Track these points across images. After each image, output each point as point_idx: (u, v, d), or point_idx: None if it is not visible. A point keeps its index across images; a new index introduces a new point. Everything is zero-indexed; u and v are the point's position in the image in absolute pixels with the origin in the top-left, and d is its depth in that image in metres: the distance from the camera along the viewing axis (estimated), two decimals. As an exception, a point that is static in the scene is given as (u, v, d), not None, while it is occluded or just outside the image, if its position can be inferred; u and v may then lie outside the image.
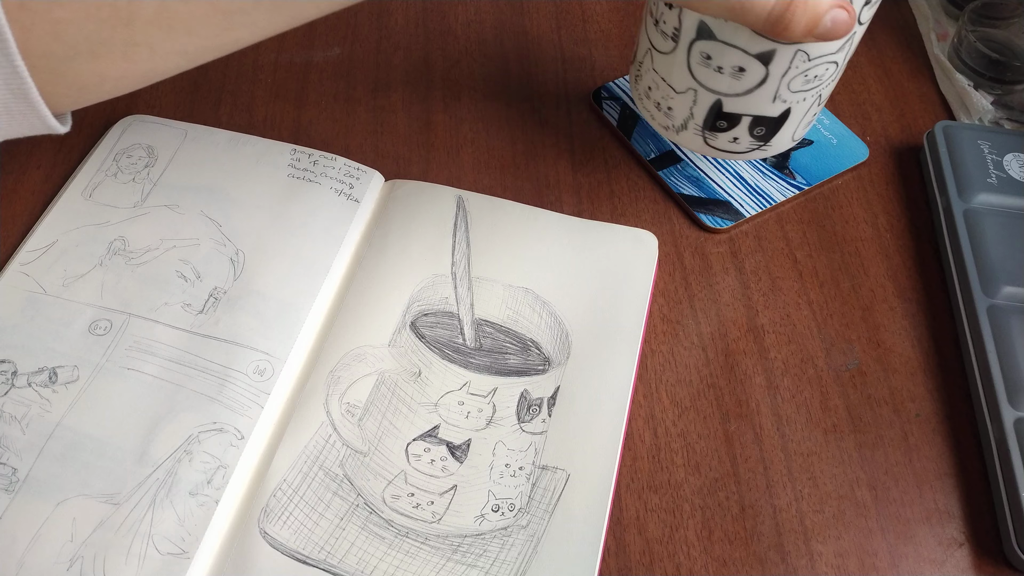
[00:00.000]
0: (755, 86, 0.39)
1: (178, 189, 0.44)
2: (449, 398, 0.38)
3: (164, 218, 0.43)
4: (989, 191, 0.45)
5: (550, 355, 0.39)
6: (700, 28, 0.38)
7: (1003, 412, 0.37)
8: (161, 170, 0.45)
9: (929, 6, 0.56)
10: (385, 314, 0.40)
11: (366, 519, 0.35)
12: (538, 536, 0.35)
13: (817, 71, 0.39)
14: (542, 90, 0.51)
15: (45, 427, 0.36)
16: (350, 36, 0.54)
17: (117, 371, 0.38)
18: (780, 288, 0.43)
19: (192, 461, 0.35)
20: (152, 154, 0.45)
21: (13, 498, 0.34)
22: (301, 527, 0.34)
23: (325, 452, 0.36)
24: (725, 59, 0.38)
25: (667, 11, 0.39)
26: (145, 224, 0.43)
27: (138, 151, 0.46)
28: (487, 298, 0.41)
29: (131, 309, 0.39)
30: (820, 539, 0.36)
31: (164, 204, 0.43)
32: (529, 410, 0.38)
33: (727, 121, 0.41)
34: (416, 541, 0.34)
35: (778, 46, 0.37)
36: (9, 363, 0.38)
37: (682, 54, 0.39)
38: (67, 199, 0.44)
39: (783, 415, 0.39)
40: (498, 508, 0.35)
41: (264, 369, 0.38)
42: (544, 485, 0.36)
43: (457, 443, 0.37)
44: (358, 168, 0.45)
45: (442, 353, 0.39)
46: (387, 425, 0.37)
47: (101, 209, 0.43)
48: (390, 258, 0.42)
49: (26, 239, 0.42)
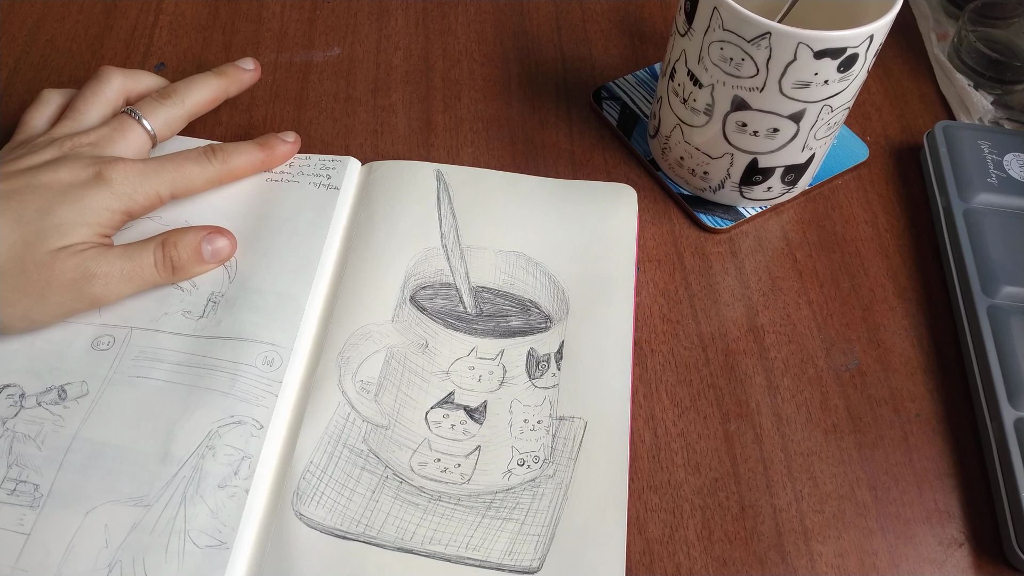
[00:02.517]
0: (787, 142, 0.41)
1: None
2: (459, 364, 0.39)
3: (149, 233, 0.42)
4: (989, 191, 0.45)
5: (550, 312, 0.41)
6: (735, 101, 0.40)
7: (1003, 412, 0.37)
8: None
9: (929, 6, 0.56)
10: (384, 291, 0.41)
11: (397, 488, 0.36)
12: (566, 483, 0.36)
13: (837, 117, 0.41)
14: (542, 90, 0.51)
15: (61, 441, 0.36)
16: (350, 36, 0.54)
17: (127, 381, 0.38)
18: (780, 288, 0.43)
19: (216, 455, 0.36)
20: None
21: (40, 513, 0.34)
22: (335, 504, 0.35)
23: (347, 430, 0.37)
24: (760, 124, 0.40)
25: (696, 90, 0.41)
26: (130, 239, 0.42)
27: None
28: (480, 265, 0.42)
29: (132, 323, 0.40)
30: (820, 539, 0.36)
31: (147, 218, 0.43)
32: (538, 366, 0.39)
33: (762, 175, 0.43)
34: (449, 503, 0.36)
35: (808, 105, 0.39)
36: (15, 387, 0.38)
37: (716, 125, 0.42)
38: None
39: (783, 415, 0.39)
40: (523, 462, 0.37)
41: (272, 359, 0.39)
42: (564, 435, 0.37)
43: (474, 406, 0.38)
44: (332, 159, 0.46)
45: (445, 323, 0.40)
46: (403, 397, 0.38)
47: None
48: (379, 237, 0.43)
49: None
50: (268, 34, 0.53)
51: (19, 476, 0.35)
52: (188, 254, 0.40)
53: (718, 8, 0.37)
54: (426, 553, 0.34)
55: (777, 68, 0.37)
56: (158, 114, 0.43)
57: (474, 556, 0.34)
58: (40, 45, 0.52)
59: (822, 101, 0.39)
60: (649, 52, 0.53)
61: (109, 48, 0.52)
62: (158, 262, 0.39)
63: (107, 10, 0.54)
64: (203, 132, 0.48)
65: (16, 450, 0.36)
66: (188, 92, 0.45)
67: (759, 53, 0.37)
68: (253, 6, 0.55)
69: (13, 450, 0.36)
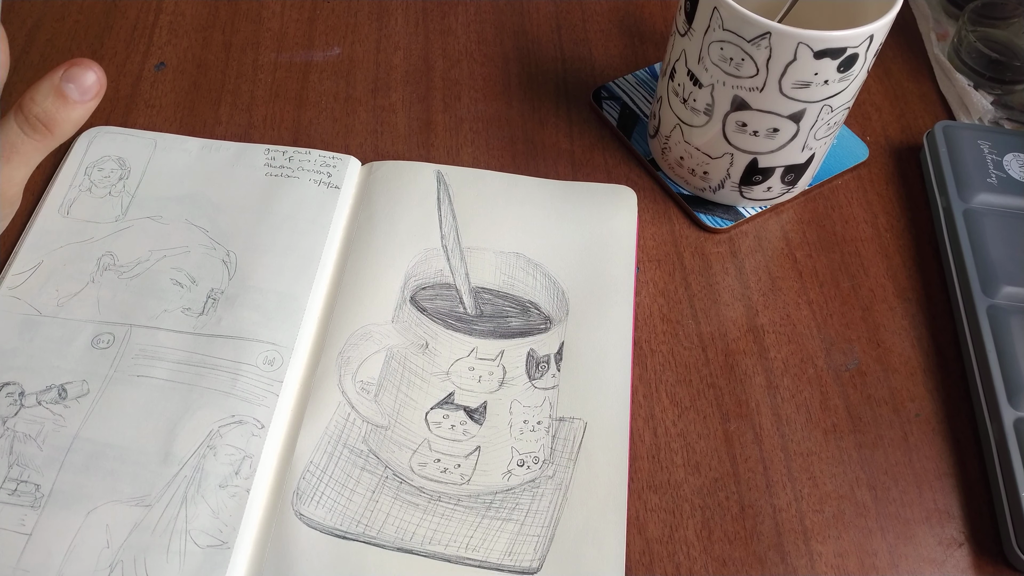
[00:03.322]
0: (787, 142, 0.41)
1: (159, 200, 0.44)
2: (459, 365, 0.39)
3: (149, 229, 0.43)
4: (989, 191, 0.45)
5: (550, 313, 0.41)
6: (735, 101, 0.40)
7: (1003, 412, 0.37)
8: (137, 182, 0.45)
9: (929, 6, 0.56)
10: (384, 292, 0.41)
11: (397, 488, 0.36)
12: (566, 484, 0.36)
13: (837, 117, 0.41)
14: (542, 90, 0.51)
15: (62, 441, 0.36)
16: (350, 36, 0.54)
17: (127, 380, 0.38)
18: (780, 288, 0.43)
19: (217, 455, 0.36)
20: (124, 166, 0.45)
21: (41, 513, 0.34)
22: (335, 504, 0.35)
23: (347, 430, 0.37)
24: (760, 124, 0.40)
25: (696, 90, 0.41)
26: (131, 237, 0.42)
27: (109, 163, 0.45)
28: (480, 266, 0.42)
29: (131, 320, 0.40)
30: (820, 539, 0.36)
31: (147, 216, 0.43)
32: (538, 367, 0.39)
33: (762, 175, 0.43)
34: (449, 504, 0.36)
35: (808, 105, 0.39)
36: (15, 385, 0.38)
37: (716, 126, 0.42)
38: (44, 218, 0.43)
39: (783, 415, 0.39)
40: (523, 463, 0.37)
41: (273, 359, 0.39)
42: (564, 435, 0.37)
43: (474, 407, 0.38)
44: (333, 157, 0.46)
45: (445, 323, 0.40)
46: (403, 398, 0.38)
47: (82, 226, 0.43)
48: (379, 238, 0.43)
49: (10, 263, 0.42)
50: (268, 34, 0.53)
51: (20, 476, 0.35)
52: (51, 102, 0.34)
53: (718, 8, 0.37)
54: (426, 553, 0.34)
55: (777, 68, 0.37)
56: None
57: (474, 556, 0.34)
58: (40, 45, 0.52)
59: (822, 101, 0.39)
60: (649, 52, 0.53)
61: (109, 48, 0.52)
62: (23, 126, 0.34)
63: (107, 10, 0.54)
64: (203, 132, 0.48)
65: (17, 450, 0.36)
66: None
67: (759, 53, 0.37)
68: (253, 6, 0.55)
69: (14, 450, 0.36)
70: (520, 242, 0.43)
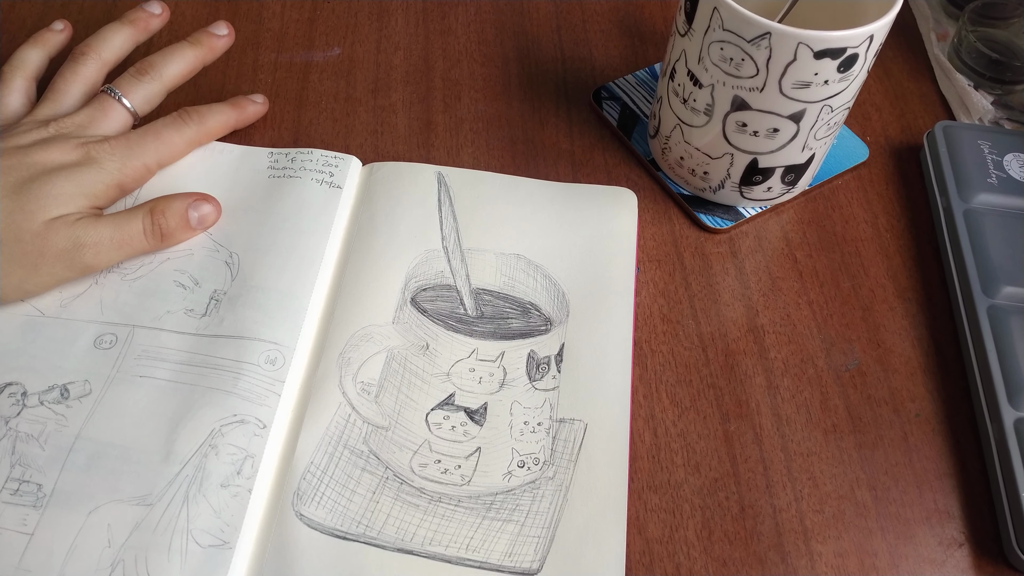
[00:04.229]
0: (787, 142, 0.41)
1: None
2: (459, 366, 0.39)
3: None
4: (989, 191, 0.45)
5: (550, 315, 0.41)
6: (735, 101, 0.40)
7: (1003, 412, 0.37)
8: None
9: (929, 6, 0.56)
10: (384, 293, 0.41)
11: (398, 489, 0.36)
12: (566, 485, 0.36)
13: (837, 118, 0.41)
14: (542, 90, 0.51)
15: (64, 440, 0.36)
16: (350, 36, 0.54)
17: (129, 380, 0.38)
18: (780, 288, 0.43)
19: (219, 454, 0.36)
20: None
21: (43, 513, 0.34)
22: (335, 505, 0.35)
23: (347, 431, 0.37)
24: (760, 124, 0.40)
25: (696, 90, 0.41)
26: None
27: None
28: (481, 267, 0.42)
29: (134, 321, 0.40)
30: (820, 539, 0.36)
31: None
32: (538, 369, 0.39)
33: (762, 175, 0.43)
34: (450, 504, 0.36)
35: (807, 105, 0.39)
36: (17, 385, 0.38)
37: (716, 126, 0.42)
38: None
39: (783, 415, 0.39)
40: (523, 464, 0.37)
41: (275, 358, 0.39)
42: (564, 437, 0.37)
43: (474, 408, 0.38)
44: (335, 156, 0.46)
45: (446, 325, 0.40)
46: (404, 399, 0.38)
47: None
48: (380, 239, 0.43)
49: None
50: (268, 34, 0.53)
51: (22, 476, 0.35)
52: (176, 221, 0.41)
53: (718, 8, 0.37)
54: (426, 554, 0.34)
55: (777, 68, 0.37)
56: (136, 91, 0.44)
57: (474, 557, 0.34)
58: (40, 45, 0.52)
59: (822, 101, 0.39)
60: (649, 52, 0.53)
61: (109, 48, 0.52)
62: (147, 230, 0.40)
63: (107, 10, 0.54)
64: (203, 132, 0.48)
65: (19, 450, 0.36)
66: (165, 65, 0.45)
67: (759, 53, 0.37)
68: (253, 6, 0.55)
69: (16, 450, 0.36)
70: (521, 244, 0.43)
